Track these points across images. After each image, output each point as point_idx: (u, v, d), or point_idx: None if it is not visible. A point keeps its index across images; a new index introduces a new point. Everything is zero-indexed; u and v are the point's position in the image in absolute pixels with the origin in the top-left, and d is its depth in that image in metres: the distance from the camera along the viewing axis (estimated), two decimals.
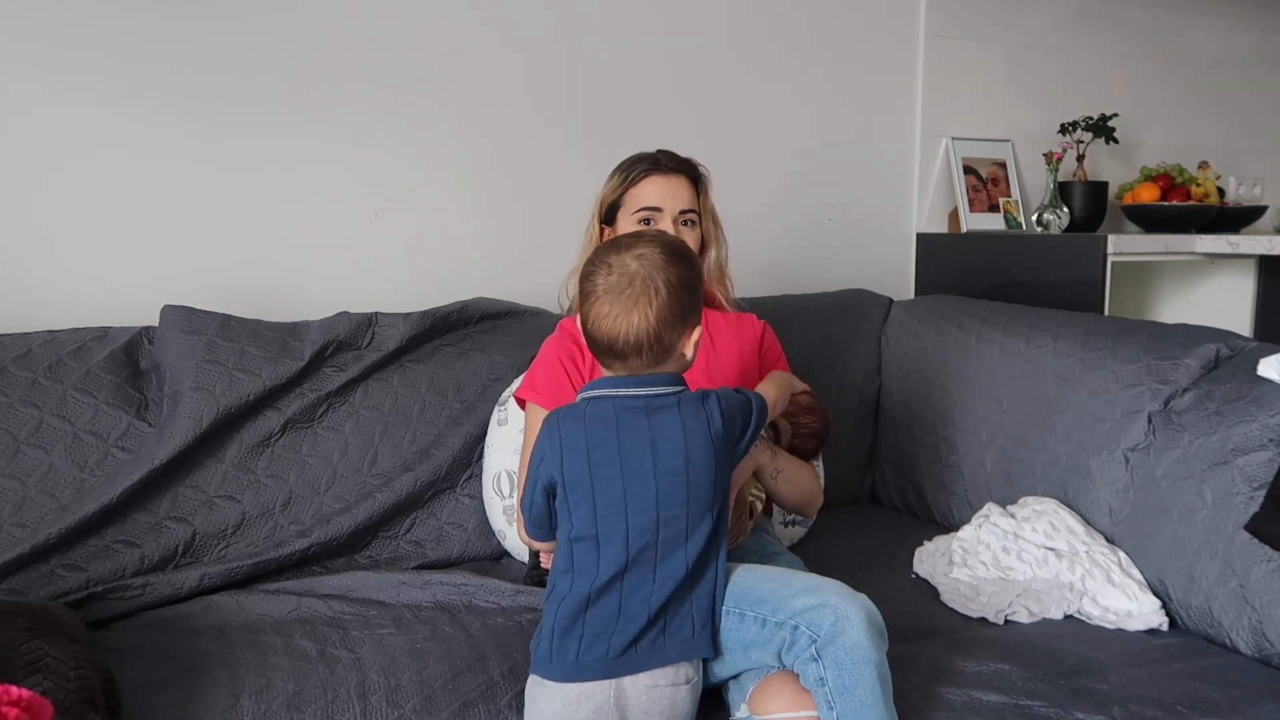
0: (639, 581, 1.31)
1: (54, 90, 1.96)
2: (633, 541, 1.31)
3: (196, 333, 1.88)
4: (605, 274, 1.35)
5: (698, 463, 1.33)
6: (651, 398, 1.35)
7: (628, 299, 1.32)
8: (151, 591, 1.67)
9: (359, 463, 1.91)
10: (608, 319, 1.34)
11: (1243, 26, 3.27)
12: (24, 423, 1.75)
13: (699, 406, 1.35)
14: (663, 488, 1.32)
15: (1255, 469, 1.64)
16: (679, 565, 1.32)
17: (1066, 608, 1.72)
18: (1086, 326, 2.09)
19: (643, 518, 1.31)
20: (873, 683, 1.27)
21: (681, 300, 1.34)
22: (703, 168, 1.83)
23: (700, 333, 1.38)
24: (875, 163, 2.77)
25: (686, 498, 1.32)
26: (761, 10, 2.57)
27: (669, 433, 1.33)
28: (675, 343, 1.36)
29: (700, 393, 1.37)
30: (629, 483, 1.31)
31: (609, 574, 1.30)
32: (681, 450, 1.32)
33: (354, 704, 1.37)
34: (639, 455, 1.32)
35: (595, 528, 1.32)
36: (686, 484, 1.32)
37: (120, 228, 2.03)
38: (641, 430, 1.33)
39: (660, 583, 1.31)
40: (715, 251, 1.86)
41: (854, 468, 2.38)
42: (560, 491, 1.35)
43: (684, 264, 1.37)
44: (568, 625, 1.31)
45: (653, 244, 1.36)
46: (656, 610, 1.30)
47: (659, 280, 1.33)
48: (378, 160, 2.22)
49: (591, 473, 1.32)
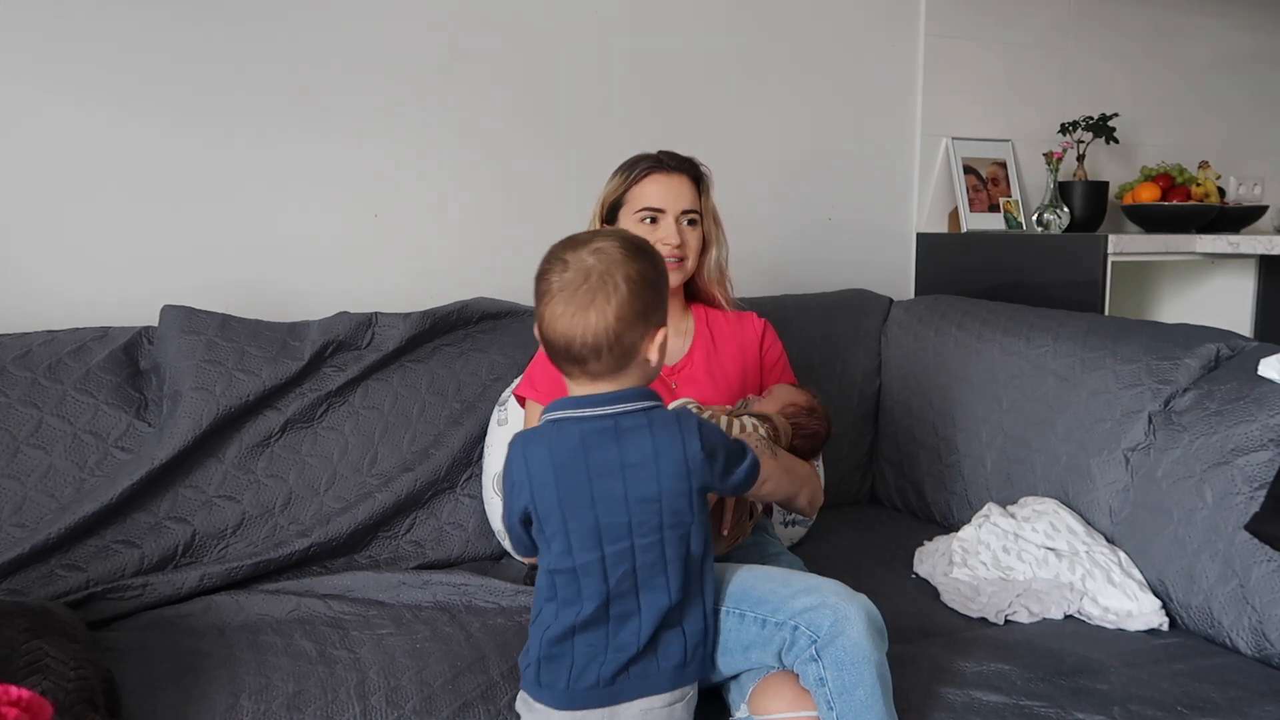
0: (625, 612, 1.26)
1: (55, 93, 1.96)
2: (611, 572, 1.25)
3: (196, 333, 1.88)
4: (560, 270, 1.26)
5: (671, 488, 1.25)
6: (620, 416, 1.26)
7: (584, 296, 1.24)
8: (151, 591, 1.67)
9: (359, 463, 1.91)
10: (563, 318, 1.25)
11: (1243, 26, 3.27)
12: (24, 423, 1.75)
13: (674, 426, 1.26)
14: (635, 516, 1.25)
15: (1255, 469, 1.64)
16: (662, 593, 1.26)
17: (1067, 608, 1.72)
18: (1086, 326, 2.09)
19: (618, 546, 1.25)
20: (872, 683, 1.27)
21: (643, 298, 1.25)
22: (704, 167, 1.84)
23: (665, 335, 1.29)
24: (875, 163, 2.77)
25: (660, 524, 1.25)
26: (761, 11, 2.57)
27: (640, 457, 1.24)
28: (637, 344, 1.26)
29: (678, 412, 1.30)
30: (601, 512, 1.25)
31: (593, 607, 1.25)
32: (654, 476, 1.25)
33: (354, 704, 1.37)
34: (609, 482, 1.24)
35: (572, 560, 1.25)
36: (660, 510, 1.25)
37: (120, 228, 2.03)
38: (611, 456, 1.25)
39: (646, 611, 1.26)
40: (716, 251, 1.86)
41: (854, 468, 2.38)
42: (535, 522, 1.28)
43: (645, 259, 1.28)
44: (555, 653, 1.27)
45: (611, 238, 1.29)
46: (646, 640, 1.26)
47: (618, 275, 1.24)
48: (378, 161, 2.22)
49: (562, 505, 1.25)
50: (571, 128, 2.39)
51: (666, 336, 1.30)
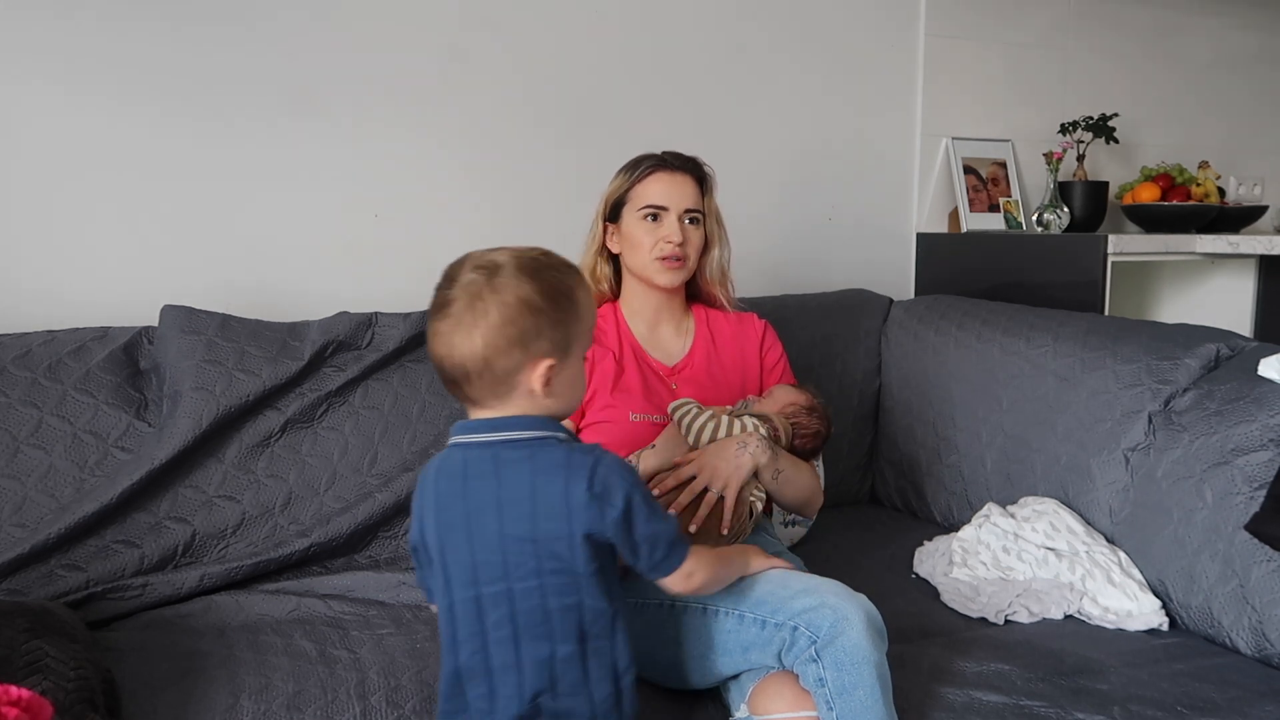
0: (504, 665, 1.14)
1: (55, 94, 1.96)
2: (486, 616, 1.14)
3: (196, 333, 1.88)
4: (444, 286, 1.16)
5: (549, 530, 1.12)
6: (501, 446, 1.15)
7: (454, 317, 1.13)
8: (151, 591, 1.67)
9: (359, 463, 1.91)
10: (434, 339, 1.16)
11: (1243, 27, 3.27)
12: (24, 423, 1.75)
13: (559, 463, 1.13)
14: (511, 556, 1.13)
15: (1255, 469, 1.64)
16: (543, 644, 1.14)
17: (1066, 608, 1.72)
18: (1086, 326, 2.09)
19: (494, 588, 1.14)
20: (872, 683, 1.27)
21: (518, 323, 1.12)
22: (708, 167, 1.84)
23: (550, 367, 1.14)
24: (875, 163, 2.76)
25: (539, 568, 1.12)
26: (761, 11, 2.57)
27: (517, 492, 1.13)
28: (513, 373, 1.14)
29: (570, 447, 1.16)
30: (476, 548, 1.14)
31: (468, 653, 1.15)
32: (529, 514, 1.12)
33: (354, 704, 1.37)
34: (485, 517, 1.14)
35: (450, 598, 1.16)
36: (536, 553, 1.12)
37: (120, 228, 2.03)
38: (488, 488, 1.14)
39: (527, 666, 1.14)
40: (718, 252, 1.86)
41: (854, 468, 2.38)
42: (424, 551, 1.20)
43: (536, 280, 1.14)
44: (449, 710, 1.19)
45: (510, 253, 1.16)
46: (530, 698, 1.14)
47: (491, 299, 1.12)
48: (378, 161, 2.22)
49: (440, 537, 1.16)
50: (572, 128, 2.39)
51: (554, 369, 1.15)
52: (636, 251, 1.79)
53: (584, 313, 1.19)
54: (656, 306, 1.85)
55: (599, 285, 1.86)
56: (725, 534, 1.56)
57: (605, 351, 1.79)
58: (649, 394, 1.78)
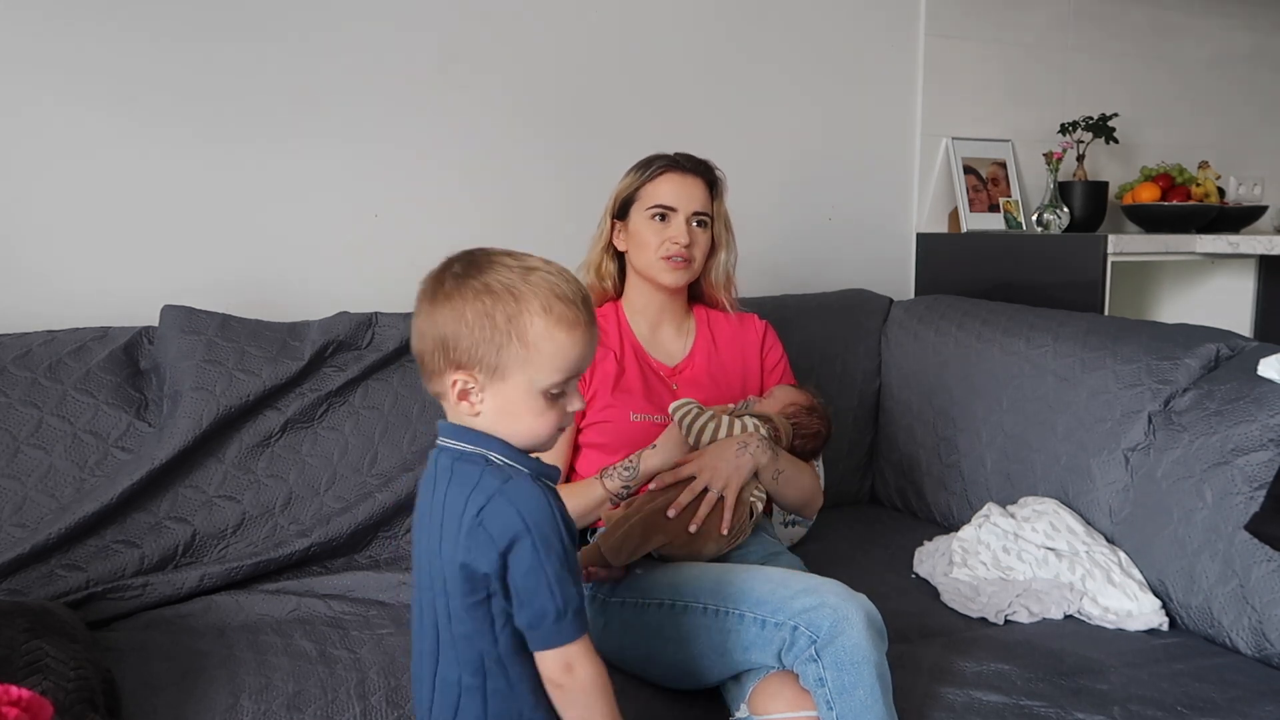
0: (420, 676, 1.13)
1: (56, 94, 1.96)
2: (422, 624, 1.11)
3: (196, 333, 1.88)
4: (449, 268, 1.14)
5: (446, 551, 1.07)
6: (457, 456, 1.10)
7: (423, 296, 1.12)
8: (151, 591, 1.67)
9: (359, 463, 1.91)
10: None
11: (1242, 26, 3.27)
12: (24, 423, 1.75)
13: (469, 480, 1.07)
14: (435, 568, 1.09)
15: (1255, 469, 1.64)
16: (453, 671, 1.08)
17: (1066, 608, 1.72)
18: (1086, 326, 2.09)
19: (424, 598, 1.11)
20: (872, 683, 1.27)
21: (453, 330, 1.07)
22: (720, 171, 1.84)
23: (462, 390, 1.08)
24: (875, 163, 2.77)
25: (445, 588, 1.07)
26: (761, 11, 2.57)
27: (438, 502, 1.09)
28: (433, 375, 1.10)
29: (489, 470, 1.07)
30: (420, 552, 1.12)
31: (412, 657, 1.14)
32: (439, 526, 1.08)
33: (354, 704, 1.37)
34: (426, 520, 1.11)
35: (416, 592, 1.14)
36: (443, 572, 1.07)
37: (120, 228, 2.03)
38: (437, 493, 1.10)
39: (440, 687, 1.10)
40: (725, 255, 1.86)
41: (854, 468, 2.38)
42: None
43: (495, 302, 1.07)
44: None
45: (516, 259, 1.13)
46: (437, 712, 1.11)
47: (456, 293, 1.08)
48: (378, 161, 2.22)
49: (414, 534, 1.15)
50: (572, 128, 2.39)
51: (467, 393, 1.08)
52: (642, 250, 1.79)
53: (539, 344, 1.06)
54: (659, 306, 1.85)
55: (603, 282, 1.86)
56: (725, 534, 1.56)
57: (606, 352, 1.79)
58: (650, 394, 1.78)
